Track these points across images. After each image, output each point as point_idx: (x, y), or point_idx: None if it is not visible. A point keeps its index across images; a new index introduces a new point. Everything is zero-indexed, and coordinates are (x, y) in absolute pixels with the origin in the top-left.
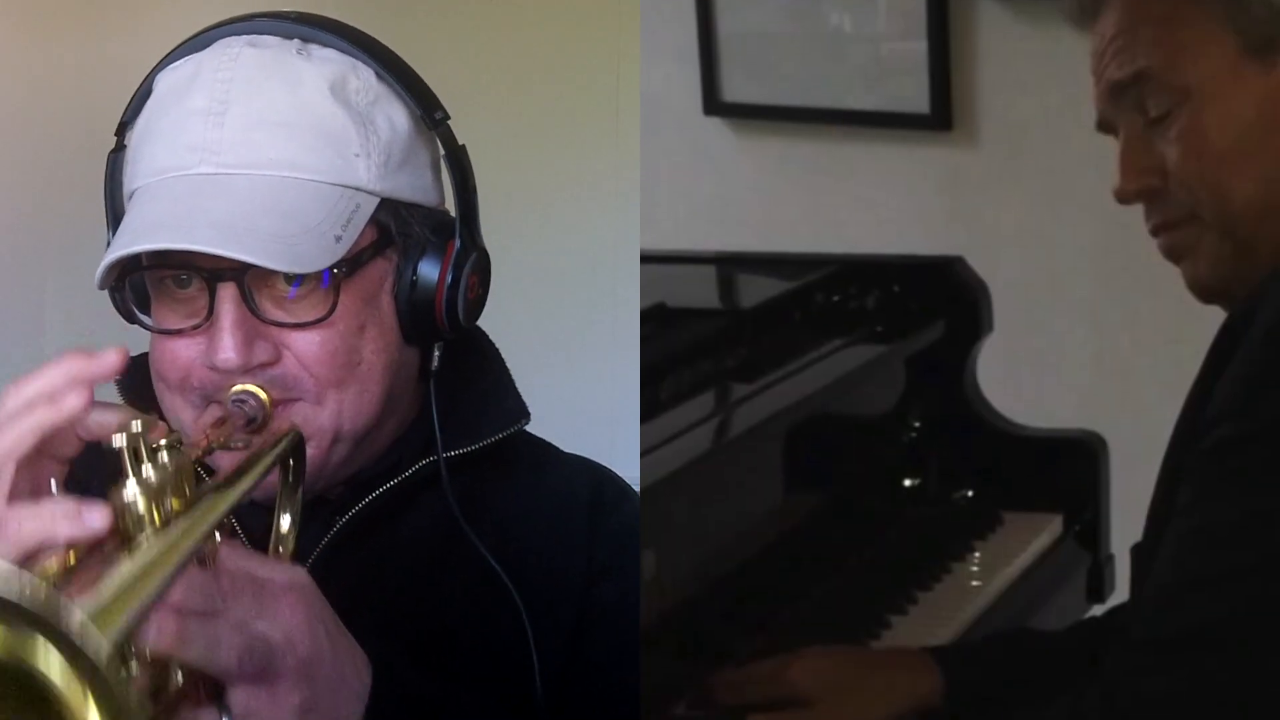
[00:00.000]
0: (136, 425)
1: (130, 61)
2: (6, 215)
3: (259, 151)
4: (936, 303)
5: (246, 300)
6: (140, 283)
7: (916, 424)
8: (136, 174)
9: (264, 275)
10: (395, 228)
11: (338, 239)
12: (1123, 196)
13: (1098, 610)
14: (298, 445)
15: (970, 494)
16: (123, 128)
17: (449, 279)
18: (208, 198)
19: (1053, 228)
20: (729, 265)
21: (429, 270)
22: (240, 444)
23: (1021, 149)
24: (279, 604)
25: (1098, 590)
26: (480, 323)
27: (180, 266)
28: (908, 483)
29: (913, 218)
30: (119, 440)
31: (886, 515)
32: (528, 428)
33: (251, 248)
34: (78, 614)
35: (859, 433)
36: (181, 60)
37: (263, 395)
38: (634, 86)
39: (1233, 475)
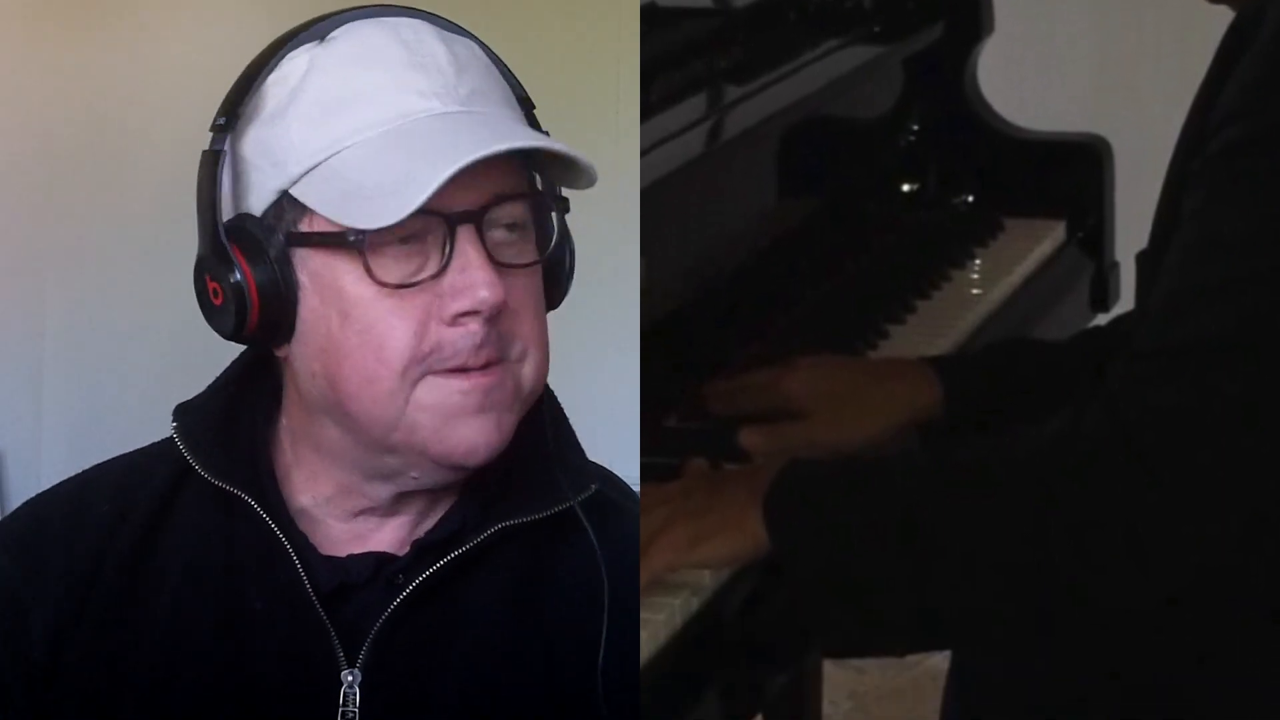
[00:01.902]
0: None
1: (131, 63)
2: (7, 215)
3: (481, 92)
4: (935, 2)
5: (482, 241)
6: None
7: (915, 127)
8: (333, 140)
9: (494, 220)
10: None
11: None
12: None
13: (1102, 319)
14: None
15: (970, 199)
16: (233, 120)
17: (569, 244)
18: (470, 121)
19: None
20: None
21: (563, 236)
22: None
23: None
24: None
25: (1101, 299)
26: None
27: (422, 212)
28: (906, 187)
29: None
30: None
31: (884, 221)
32: None
33: (553, 145)
34: None
35: (856, 136)
36: (313, 44)
37: None
38: (634, 84)
39: (1241, 179)
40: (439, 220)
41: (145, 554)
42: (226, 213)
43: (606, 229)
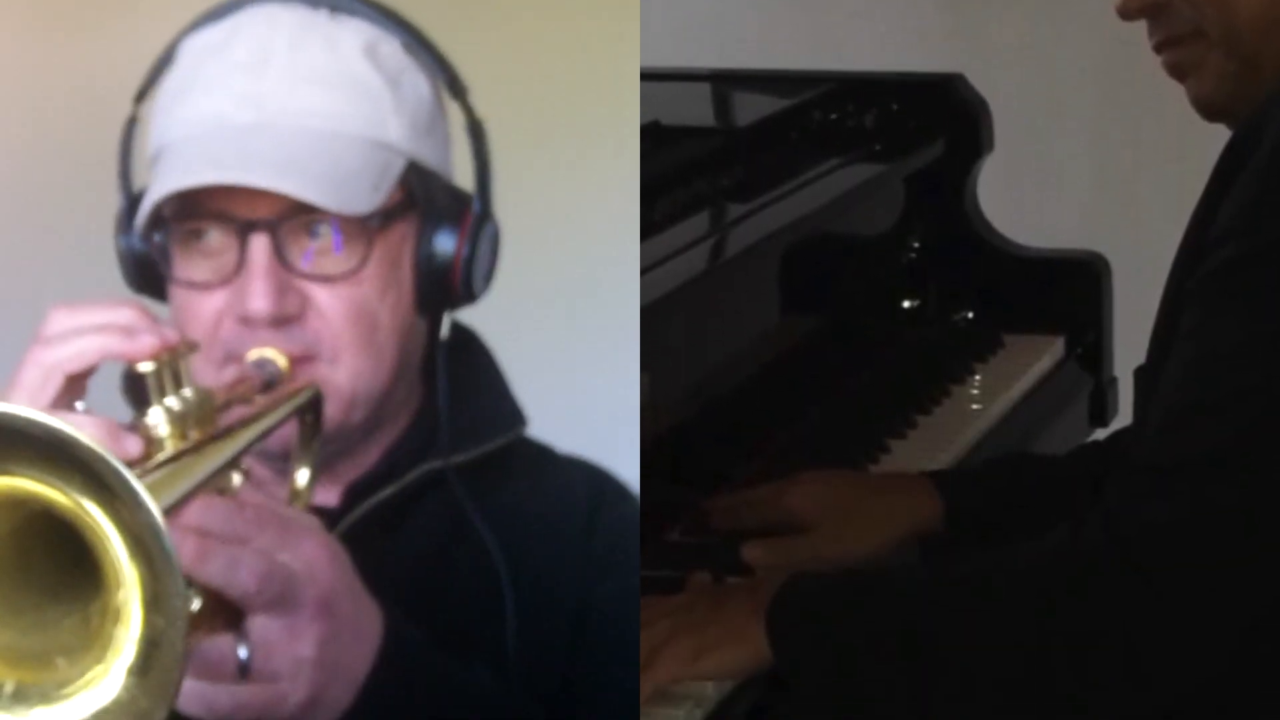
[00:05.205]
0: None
1: (132, 62)
2: (6, 215)
3: (300, 102)
4: (936, 121)
5: (278, 252)
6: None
7: (916, 244)
8: (168, 128)
9: (295, 229)
10: (419, 191)
11: (374, 187)
12: (1125, 12)
13: (1100, 434)
14: (315, 401)
15: (970, 316)
16: (141, 96)
17: (467, 246)
18: (253, 142)
19: (1054, 44)
20: (724, 83)
21: (449, 236)
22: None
23: None
24: (300, 539)
25: (1100, 414)
26: (479, 321)
27: (214, 217)
28: (907, 304)
29: (912, 34)
30: (148, 366)
31: (885, 337)
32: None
33: (304, 185)
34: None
35: (857, 253)
36: (210, 25)
37: (282, 362)
38: (634, 81)
39: (1237, 296)
40: (233, 227)
41: None
42: None
43: (605, 226)
